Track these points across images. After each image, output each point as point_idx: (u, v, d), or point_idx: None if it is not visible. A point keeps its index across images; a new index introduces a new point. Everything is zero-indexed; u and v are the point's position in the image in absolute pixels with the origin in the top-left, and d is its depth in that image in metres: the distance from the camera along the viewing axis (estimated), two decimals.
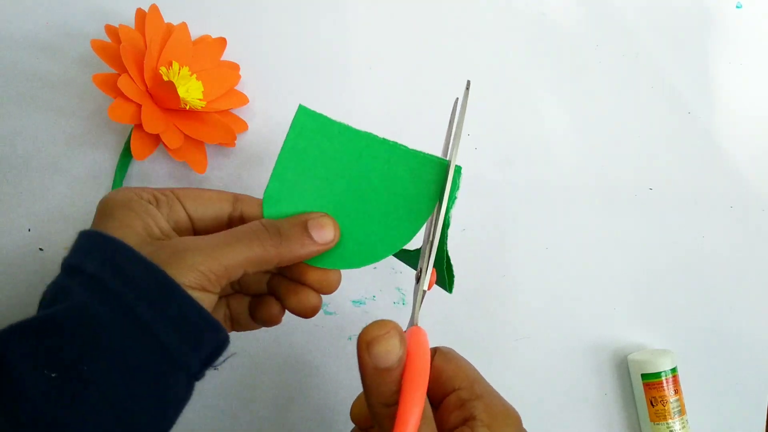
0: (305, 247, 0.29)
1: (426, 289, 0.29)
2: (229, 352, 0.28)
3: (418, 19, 0.48)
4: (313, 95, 0.46)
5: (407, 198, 0.30)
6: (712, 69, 0.51)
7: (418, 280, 0.30)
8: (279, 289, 0.32)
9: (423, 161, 0.30)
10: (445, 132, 0.33)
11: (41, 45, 0.44)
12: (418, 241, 0.32)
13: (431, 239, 0.29)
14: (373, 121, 0.46)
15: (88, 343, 0.23)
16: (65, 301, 0.24)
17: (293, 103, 0.31)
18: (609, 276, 0.48)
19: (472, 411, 0.27)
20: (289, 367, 0.45)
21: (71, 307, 0.24)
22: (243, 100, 0.45)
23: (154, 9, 0.42)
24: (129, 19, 0.42)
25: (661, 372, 0.45)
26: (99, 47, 0.40)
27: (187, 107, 0.42)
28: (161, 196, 0.29)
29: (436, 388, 0.29)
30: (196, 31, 0.45)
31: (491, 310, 0.47)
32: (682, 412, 0.45)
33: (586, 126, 0.49)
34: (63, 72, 0.44)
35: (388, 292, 0.46)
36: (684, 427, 0.45)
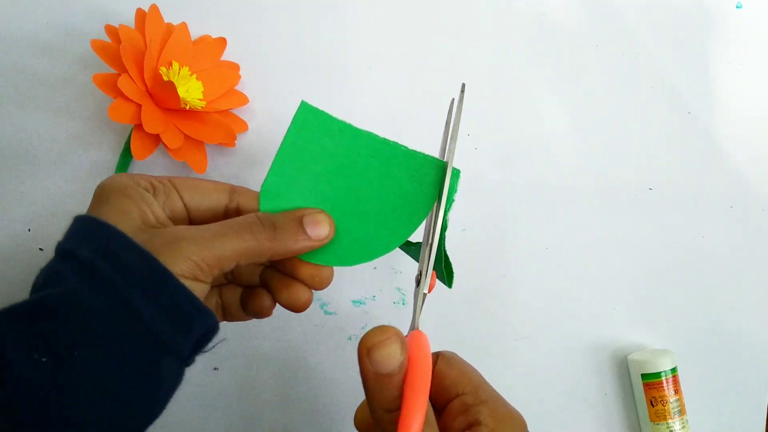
0: (299, 242, 0.29)
1: (426, 292, 0.29)
2: (218, 338, 0.28)
3: (418, 19, 0.48)
4: (313, 95, 0.46)
5: (405, 198, 0.30)
6: (712, 69, 0.51)
7: (418, 283, 0.30)
8: (271, 282, 0.32)
9: (422, 162, 0.30)
10: (442, 133, 0.33)
11: (41, 45, 0.45)
12: (418, 235, 0.32)
13: (430, 242, 0.29)
14: (373, 121, 0.46)
15: (80, 330, 0.24)
16: (57, 286, 0.25)
17: (293, 103, 0.31)
18: (609, 276, 0.48)
19: (477, 416, 0.27)
20: (289, 367, 0.45)
21: (64, 292, 0.24)
22: (243, 100, 0.45)
23: (154, 9, 0.42)
24: (129, 19, 0.42)
25: (661, 372, 0.45)
26: (99, 47, 0.40)
27: (187, 107, 0.42)
28: (158, 184, 0.30)
29: (439, 394, 0.28)
30: (196, 31, 0.45)
31: (491, 310, 0.47)
32: (682, 412, 0.45)
33: (586, 126, 0.49)
34: (63, 72, 0.44)
35: (388, 292, 0.46)
36: (684, 427, 0.45)
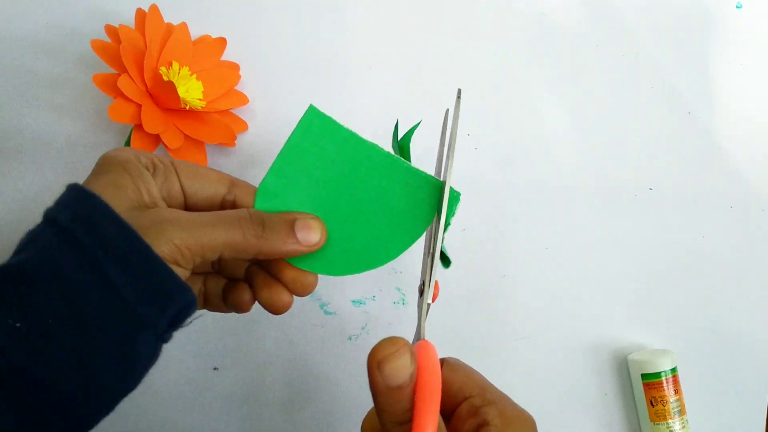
0: (287, 245, 0.29)
1: (430, 302, 0.29)
2: (195, 315, 0.28)
3: (418, 19, 0.48)
4: (313, 95, 0.46)
5: (401, 215, 0.30)
6: (712, 69, 0.51)
7: (422, 293, 0.30)
8: (254, 279, 0.32)
9: (422, 181, 0.30)
10: (438, 144, 0.33)
11: (41, 45, 0.44)
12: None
13: (432, 252, 0.29)
14: (373, 121, 0.46)
15: (54, 297, 0.24)
16: (37, 250, 0.25)
17: (293, 103, 0.31)
18: (609, 276, 0.48)
19: (486, 417, 0.26)
20: (289, 367, 0.45)
21: (42, 258, 0.24)
22: (243, 100, 0.45)
23: (154, 9, 0.42)
24: (129, 19, 0.42)
25: (661, 372, 0.45)
26: (99, 47, 0.40)
27: (187, 107, 0.42)
28: (160, 164, 0.30)
29: (446, 399, 0.28)
30: (196, 31, 0.45)
31: (491, 310, 0.47)
32: (682, 412, 0.45)
33: (586, 126, 0.49)
34: (63, 72, 0.44)
35: (388, 292, 0.46)
36: (684, 427, 0.45)
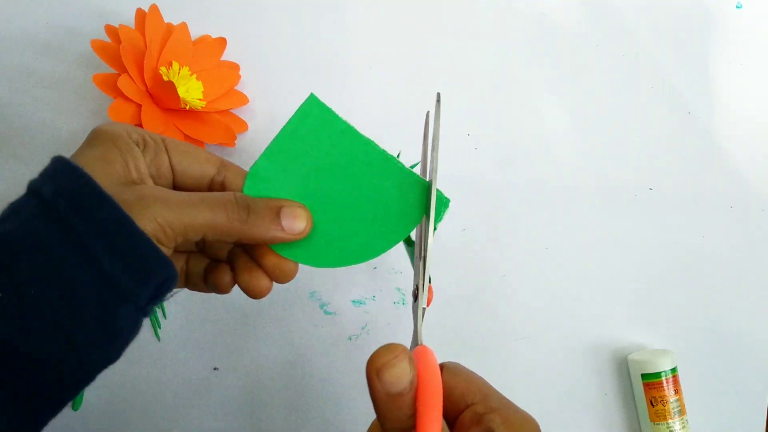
0: (271, 232, 0.29)
1: (425, 306, 0.29)
2: (174, 291, 0.28)
3: (418, 19, 0.48)
4: None
5: (389, 214, 0.30)
6: (712, 69, 0.51)
7: (416, 297, 0.29)
8: (236, 261, 0.32)
9: (412, 182, 0.30)
10: (422, 146, 0.33)
11: (41, 45, 0.45)
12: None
13: (423, 255, 0.29)
14: (373, 121, 0.46)
15: (36, 269, 0.24)
16: (19, 222, 0.25)
17: (293, 103, 0.31)
18: (609, 276, 0.48)
19: (490, 424, 0.26)
20: (289, 367, 0.45)
21: (24, 230, 0.24)
22: (243, 100, 0.45)
23: (154, 9, 0.42)
24: (129, 19, 0.42)
25: (661, 372, 0.45)
26: (99, 47, 0.40)
27: (187, 107, 0.42)
28: (150, 140, 0.29)
29: (448, 406, 0.28)
30: (196, 31, 0.45)
31: (491, 310, 0.47)
32: (682, 412, 0.45)
33: (586, 126, 0.49)
34: (63, 72, 0.44)
35: (388, 292, 0.46)
36: (684, 427, 0.45)
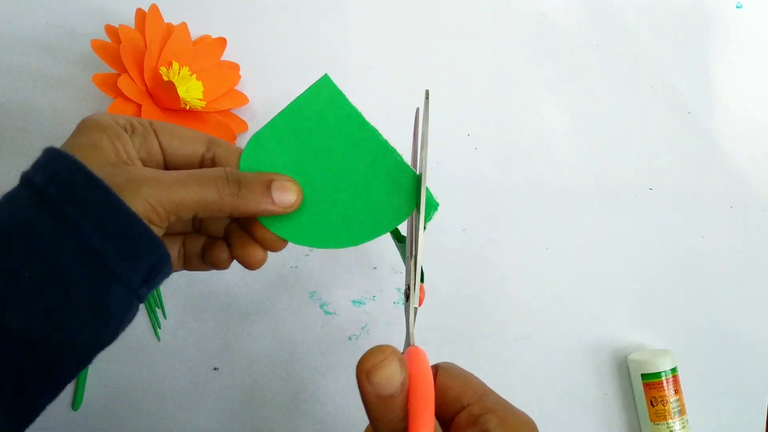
0: (261, 205, 0.29)
1: (417, 306, 0.29)
2: (166, 275, 0.28)
3: (418, 19, 0.48)
4: None
5: (379, 203, 0.30)
6: (712, 69, 0.51)
7: (408, 297, 0.29)
8: (231, 236, 0.32)
9: (408, 177, 0.30)
10: (411, 143, 0.33)
11: (41, 45, 0.44)
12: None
13: (414, 254, 0.29)
14: (373, 121, 0.45)
15: (29, 253, 0.24)
16: (12, 210, 0.25)
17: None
18: (609, 276, 0.48)
19: (486, 425, 0.26)
20: (289, 367, 0.45)
21: (15, 217, 0.25)
22: (243, 100, 0.45)
23: (154, 9, 0.42)
24: (129, 19, 0.42)
25: (661, 372, 0.45)
26: (99, 47, 0.40)
27: (187, 107, 0.42)
28: (138, 125, 0.30)
29: (444, 408, 0.28)
30: (196, 31, 0.45)
31: (492, 310, 0.47)
32: (682, 412, 0.45)
33: (586, 126, 0.49)
34: (63, 72, 0.44)
35: (388, 292, 0.46)
36: (684, 427, 0.45)
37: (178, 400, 0.44)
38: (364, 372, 0.24)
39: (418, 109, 0.32)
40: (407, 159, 0.30)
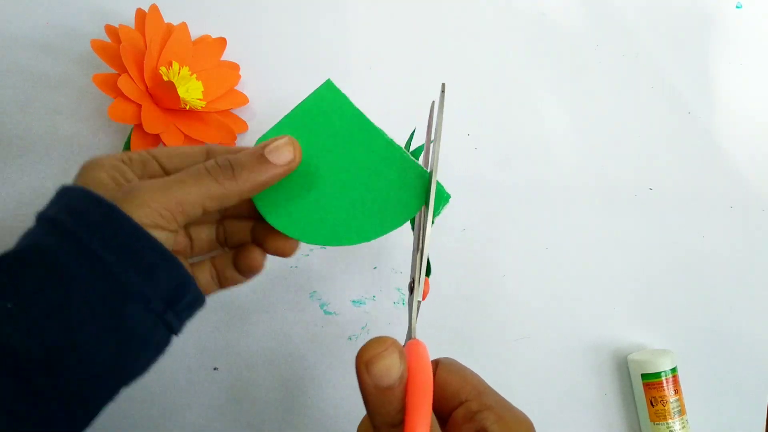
0: (264, 172, 0.29)
1: (420, 299, 0.29)
2: (198, 302, 0.28)
3: (418, 19, 0.48)
4: None
5: (386, 201, 0.31)
6: (712, 69, 0.51)
7: (412, 290, 0.29)
8: (259, 235, 0.33)
9: (414, 173, 0.30)
10: (425, 137, 0.33)
11: (41, 45, 0.45)
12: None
13: (420, 248, 0.29)
14: (373, 121, 0.46)
15: (43, 276, 0.24)
16: (26, 240, 0.26)
17: (293, 103, 0.31)
18: (609, 276, 0.48)
19: (483, 422, 0.26)
20: (289, 367, 0.45)
21: (28, 244, 0.25)
22: (243, 100, 0.45)
23: (154, 9, 0.42)
24: (129, 19, 0.42)
25: (661, 372, 0.45)
26: (99, 47, 0.40)
27: (187, 107, 0.42)
28: (135, 155, 0.30)
29: (442, 403, 0.28)
30: (196, 31, 0.45)
31: (492, 309, 0.47)
32: (682, 412, 0.45)
33: (586, 126, 0.49)
34: (63, 72, 0.44)
35: (388, 292, 0.46)
36: (684, 427, 0.45)
37: (178, 400, 0.44)
38: (364, 362, 0.24)
39: (433, 102, 0.32)
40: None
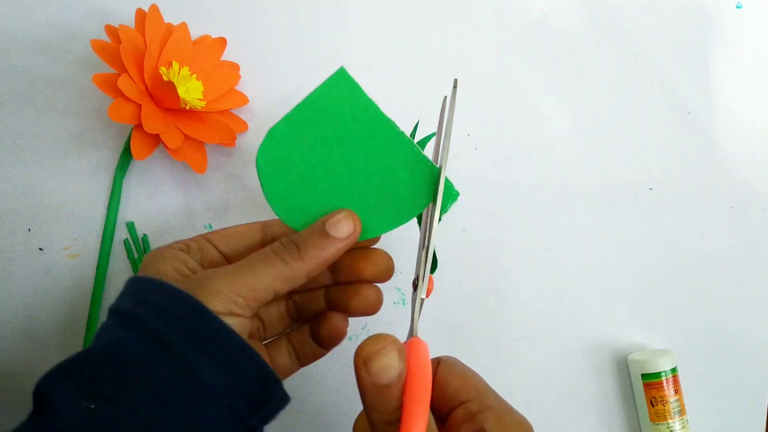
0: (328, 249, 0.29)
1: (424, 297, 0.29)
2: (283, 402, 0.28)
3: (418, 19, 0.48)
4: None
5: (395, 195, 0.30)
6: (712, 69, 0.51)
7: (416, 287, 0.29)
8: (339, 298, 0.33)
9: (425, 167, 0.30)
10: (436, 133, 0.33)
11: (41, 45, 0.45)
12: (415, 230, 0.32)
13: (426, 245, 0.29)
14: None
15: (121, 374, 0.24)
16: (105, 336, 0.26)
17: (293, 103, 0.31)
18: (609, 276, 0.48)
19: (483, 423, 0.26)
20: None
21: (107, 341, 0.25)
22: (243, 100, 0.45)
23: (154, 9, 0.42)
24: (129, 19, 0.42)
25: (661, 372, 0.45)
26: (99, 47, 0.40)
27: (187, 107, 0.42)
28: (192, 242, 0.31)
29: (442, 402, 0.28)
30: (196, 31, 0.45)
31: (491, 310, 0.47)
32: (682, 412, 0.45)
33: (586, 126, 0.49)
34: (63, 72, 0.44)
35: (388, 292, 0.46)
36: (684, 427, 0.45)
37: None
38: (362, 359, 0.24)
39: (445, 97, 0.32)
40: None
